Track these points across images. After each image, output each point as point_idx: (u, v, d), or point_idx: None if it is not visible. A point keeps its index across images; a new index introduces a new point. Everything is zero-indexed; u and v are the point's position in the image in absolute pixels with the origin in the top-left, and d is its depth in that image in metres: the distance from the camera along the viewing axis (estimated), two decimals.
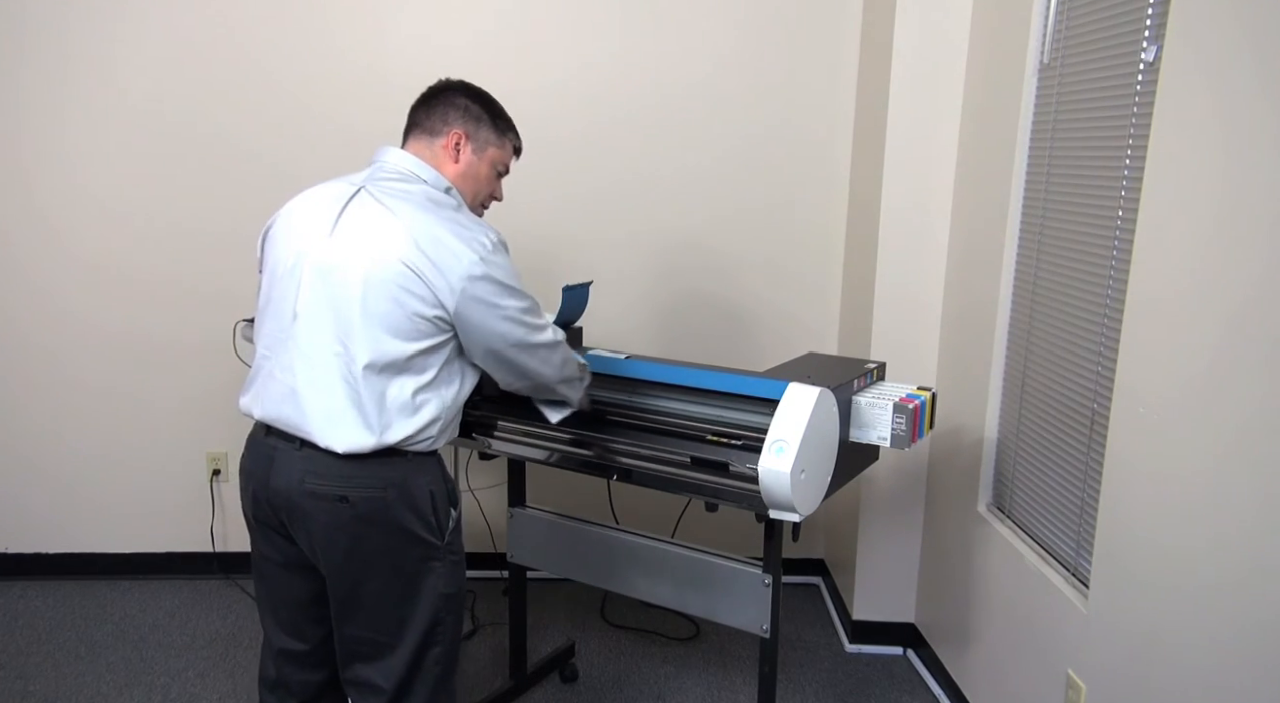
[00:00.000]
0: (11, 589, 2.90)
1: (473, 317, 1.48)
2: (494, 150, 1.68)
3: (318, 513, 1.49)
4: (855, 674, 2.56)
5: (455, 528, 1.61)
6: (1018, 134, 2.02)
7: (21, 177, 2.75)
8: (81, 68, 2.69)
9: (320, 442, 1.47)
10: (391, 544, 1.52)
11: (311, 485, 1.49)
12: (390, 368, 1.46)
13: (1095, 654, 1.68)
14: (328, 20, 2.68)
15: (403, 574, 1.54)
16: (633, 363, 1.93)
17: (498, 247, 1.52)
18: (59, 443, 2.90)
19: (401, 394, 1.47)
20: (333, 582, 1.55)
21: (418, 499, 1.53)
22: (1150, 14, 1.57)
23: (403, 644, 1.55)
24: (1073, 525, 1.83)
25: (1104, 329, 1.72)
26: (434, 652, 1.58)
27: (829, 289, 2.89)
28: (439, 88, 1.66)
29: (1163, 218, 1.48)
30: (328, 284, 1.47)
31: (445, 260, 1.44)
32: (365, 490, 1.48)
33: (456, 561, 1.60)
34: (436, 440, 1.55)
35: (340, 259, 1.47)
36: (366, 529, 1.50)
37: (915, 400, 1.80)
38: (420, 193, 1.54)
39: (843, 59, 2.74)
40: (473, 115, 1.64)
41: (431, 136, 1.62)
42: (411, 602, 1.54)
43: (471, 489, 2.78)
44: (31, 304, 2.83)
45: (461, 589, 1.62)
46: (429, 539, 1.55)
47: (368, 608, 1.54)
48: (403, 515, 1.51)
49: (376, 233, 1.46)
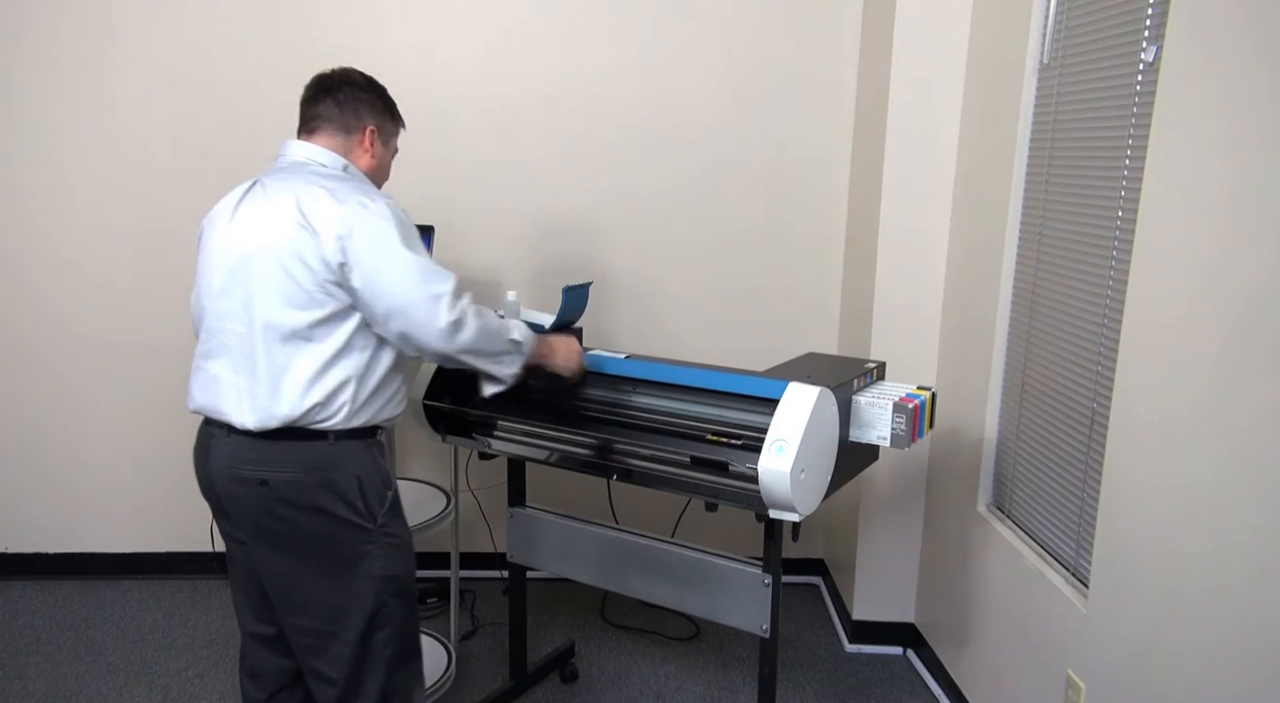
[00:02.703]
0: (11, 589, 2.90)
1: (360, 274, 1.47)
2: (394, 139, 1.74)
3: (244, 498, 1.53)
4: (855, 674, 2.56)
5: (391, 511, 1.59)
6: (1017, 134, 2.02)
7: (13, 181, 2.76)
8: (75, 73, 2.69)
9: (235, 423, 1.50)
10: (317, 529, 1.52)
11: (236, 470, 1.52)
12: (294, 338, 1.48)
13: (1095, 654, 1.68)
14: (323, 29, 2.69)
15: (335, 561, 1.53)
16: (633, 363, 1.93)
17: (385, 208, 1.51)
18: (58, 443, 2.90)
19: (309, 367, 1.49)
20: (266, 570, 1.56)
21: (340, 483, 1.52)
22: (1150, 14, 1.57)
23: (346, 632, 1.55)
24: (1072, 526, 1.83)
25: (1104, 329, 1.72)
26: (381, 635, 1.57)
27: (829, 289, 2.89)
28: (339, 80, 1.65)
29: (1163, 218, 1.48)
30: (229, 269, 1.53)
31: (323, 219, 1.47)
32: (283, 473, 1.50)
33: (395, 544, 1.59)
34: (355, 416, 1.53)
35: (236, 243, 1.53)
36: (290, 513, 1.51)
37: (915, 400, 1.80)
38: (310, 176, 1.55)
39: (842, 60, 2.74)
40: (378, 109, 1.67)
41: (347, 133, 1.64)
42: (349, 588, 1.54)
43: (472, 489, 2.78)
44: (29, 306, 2.83)
45: (406, 573, 1.61)
46: (359, 523, 1.54)
47: (304, 597, 1.55)
48: (325, 500, 1.51)
49: (265, 212, 1.51)
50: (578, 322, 2.25)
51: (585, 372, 1.93)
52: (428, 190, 2.73)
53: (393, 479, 1.62)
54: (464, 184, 2.79)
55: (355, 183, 1.57)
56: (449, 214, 2.66)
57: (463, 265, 2.84)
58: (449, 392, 2.07)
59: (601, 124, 2.77)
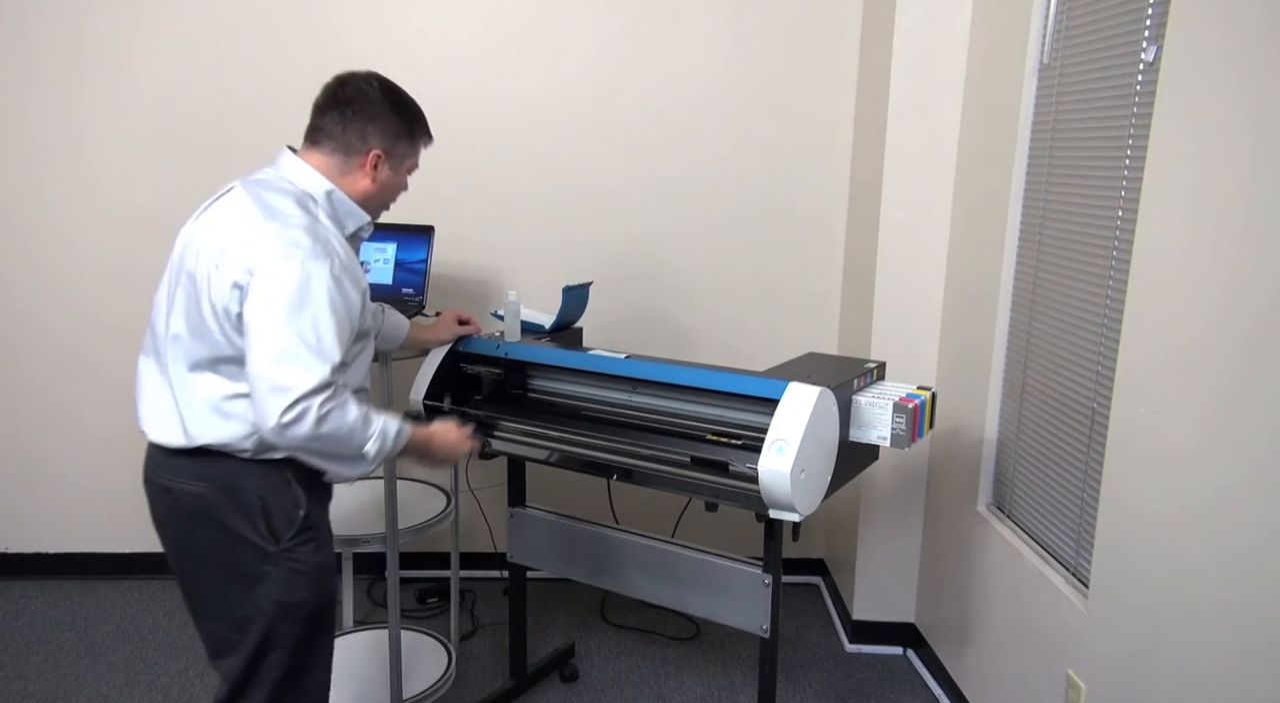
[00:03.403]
0: (12, 589, 2.90)
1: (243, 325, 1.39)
2: (410, 161, 1.61)
3: (155, 502, 1.55)
4: (855, 674, 2.56)
5: (299, 537, 1.51)
6: (1018, 134, 2.02)
7: (36, 175, 2.76)
8: (96, 65, 2.69)
9: (145, 432, 1.51)
10: (218, 542, 1.49)
11: (149, 473, 1.54)
12: (200, 367, 1.45)
13: (1095, 654, 1.68)
14: (339, 20, 2.69)
15: (237, 575, 1.50)
16: (632, 363, 1.93)
17: (300, 267, 1.37)
18: (60, 442, 2.90)
19: (211, 397, 1.44)
20: (176, 572, 1.57)
21: (243, 501, 1.48)
22: (1150, 14, 1.57)
23: (243, 644, 1.53)
24: (1073, 526, 1.83)
25: (1104, 329, 1.72)
26: (273, 656, 1.52)
27: (829, 289, 2.89)
28: (353, 93, 1.52)
29: (1163, 217, 1.48)
30: (173, 270, 1.50)
31: (234, 264, 1.39)
32: (187, 484, 1.48)
33: (299, 570, 1.51)
34: (265, 451, 1.46)
35: (186, 249, 1.48)
36: (191, 523, 1.51)
37: (915, 400, 1.80)
38: (272, 199, 1.45)
39: (843, 59, 2.74)
40: (391, 133, 1.53)
41: (347, 154, 1.52)
42: (249, 603, 1.51)
43: (472, 489, 2.78)
44: (30, 304, 2.83)
45: (309, 599, 1.53)
46: (259, 545, 1.48)
47: (207, 603, 1.55)
48: (227, 515, 1.48)
49: (208, 234, 1.45)
50: (578, 321, 2.25)
51: (478, 448, 1.82)
52: (427, 189, 2.71)
53: (305, 504, 1.51)
54: (463, 183, 2.78)
55: (308, 224, 1.42)
56: (449, 213, 2.66)
57: (463, 264, 2.84)
58: (448, 392, 2.07)
59: (602, 124, 2.77)
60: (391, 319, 1.98)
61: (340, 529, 2.24)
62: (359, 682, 2.35)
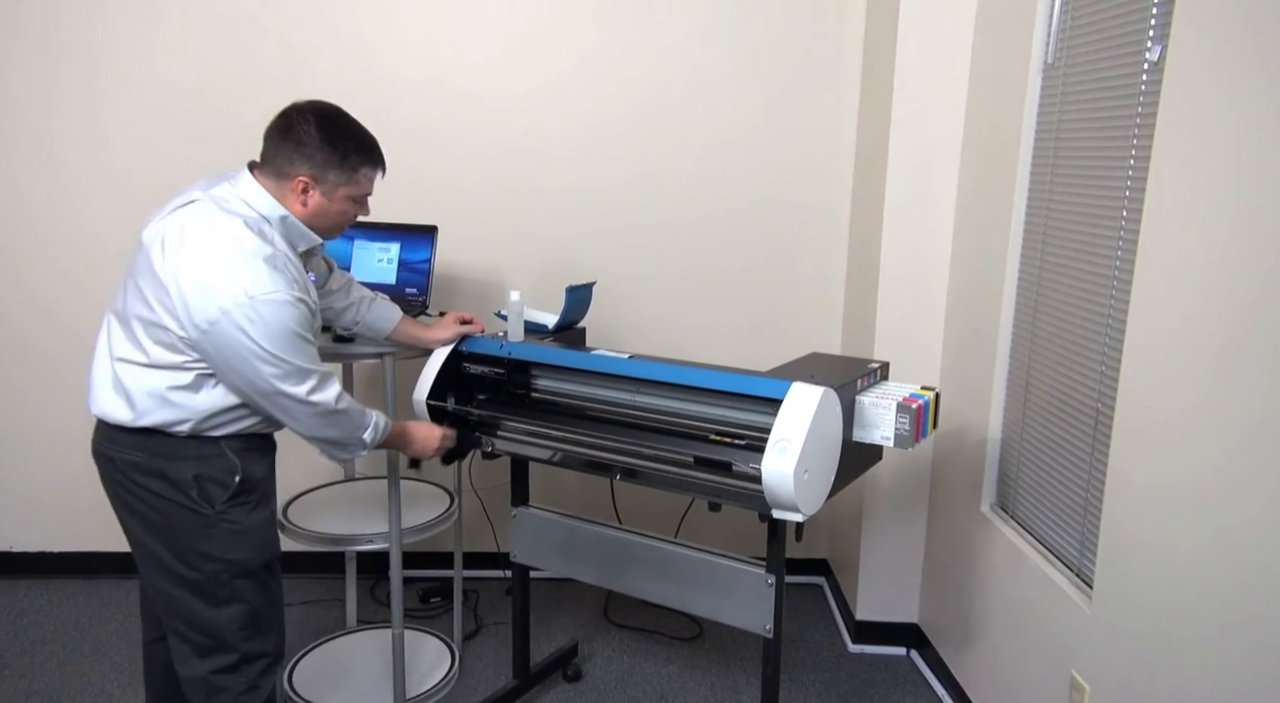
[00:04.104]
0: (16, 588, 2.91)
1: (214, 357, 1.55)
2: (345, 189, 1.67)
3: (102, 470, 1.67)
4: (858, 675, 2.55)
5: (233, 500, 1.64)
6: (1021, 134, 2.02)
7: (53, 166, 2.76)
8: (114, 55, 2.69)
9: (90, 407, 1.64)
10: (157, 507, 1.62)
11: (95, 443, 1.66)
12: (135, 363, 1.58)
13: (1099, 655, 1.67)
14: (331, 22, 2.69)
15: (177, 536, 1.63)
16: (636, 363, 1.93)
17: (265, 301, 1.51)
18: (64, 440, 2.90)
19: (156, 387, 1.57)
20: (128, 536, 1.69)
21: (174, 474, 1.60)
22: (1155, 13, 1.57)
23: (197, 601, 1.65)
24: (1077, 526, 1.83)
25: (1108, 329, 1.71)
26: (229, 609, 1.66)
27: (832, 289, 2.88)
28: (289, 122, 1.62)
29: (1168, 218, 1.48)
30: (131, 281, 1.60)
31: (199, 301, 1.51)
32: (127, 455, 1.61)
33: (236, 530, 1.65)
34: (201, 431, 1.61)
35: (142, 262, 1.58)
36: (134, 488, 1.62)
37: (919, 401, 1.80)
38: (232, 231, 1.55)
39: (846, 58, 2.73)
40: (319, 161, 1.61)
41: (279, 178, 1.62)
42: (194, 568, 1.64)
43: (475, 489, 2.79)
44: (60, 294, 2.83)
45: (250, 556, 1.67)
46: (196, 509, 1.62)
47: (159, 565, 1.65)
48: (159, 485, 1.61)
49: (169, 251, 1.54)
50: (581, 321, 2.25)
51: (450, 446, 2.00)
52: (430, 189, 2.73)
53: (241, 469, 1.65)
54: (466, 183, 2.79)
55: (263, 255, 1.54)
56: (452, 214, 2.67)
57: (466, 264, 2.84)
58: (451, 392, 2.07)
59: (606, 124, 2.77)
60: (377, 311, 2.03)
61: (343, 528, 2.25)
62: (362, 682, 2.36)
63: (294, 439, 1.72)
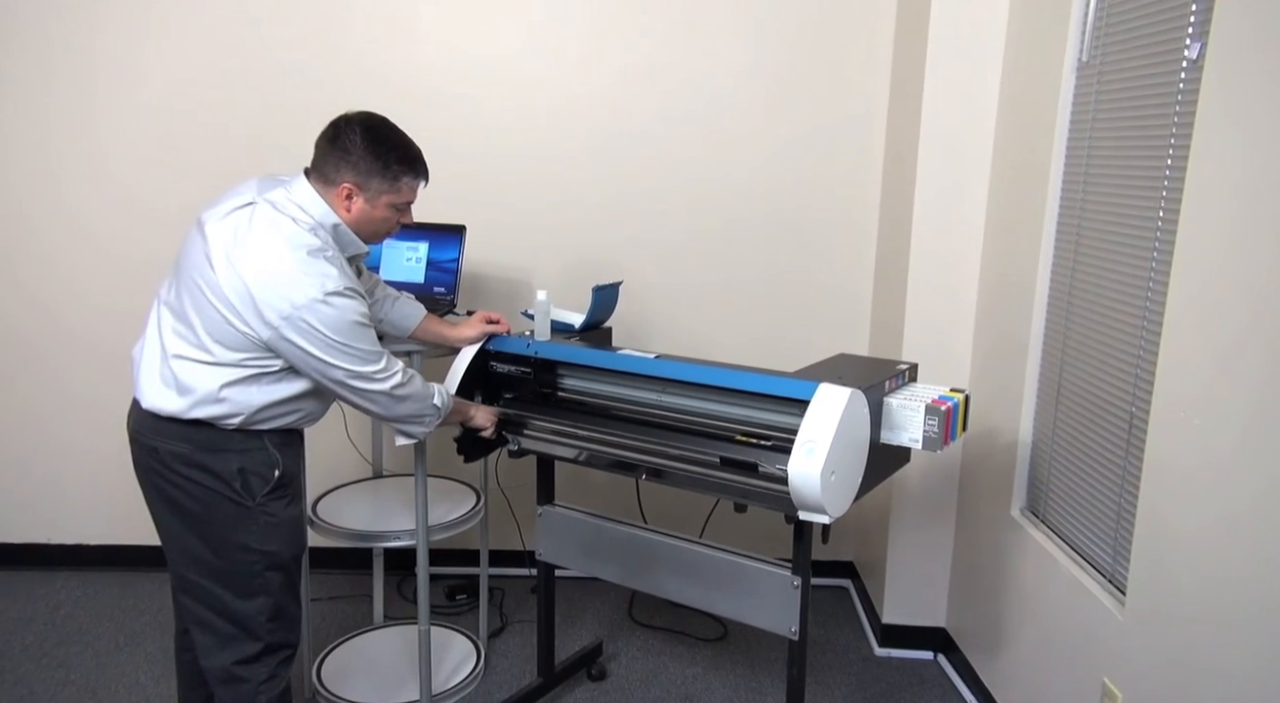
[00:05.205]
0: (54, 580, 2.97)
1: (288, 352, 1.61)
2: (388, 196, 1.72)
3: (140, 459, 1.71)
4: (884, 678, 2.53)
5: (273, 493, 1.70)
6: (1055, 133, 1.99)
7: (48, 168, 2.80)
8: (111, 63, 2.74)
9: (140, 400, 1.68)
10: (198, 496, 1.66)
11: (137, 434, 1.70)
12: (194, 359, 1.62)
13: (1132, 662, 1.65)
14: (355, 18, 2.71)
15: (214, 527, 1.67)
16: (662, 363, 1.93)
17: (329, 297, 1.59)
18: (101, 433, 2.95)
19: (212, 382, 1.61)
20: (160, 528, 1.73)
21: (219, 466, 1.65)
22: (1194, 10, 1.54)
23: (225, 591, 1.70)
24: (1109, 531, 1.80)
25: (1143, 331, 1.68)
26: (257, 601, 1.71)
27: (860, 289, 2.86)
28: (337, 131, 1.68)
29: (1206, 218, 1.45)
30: (186, 276, 1.64)
31: (268, 298, 1.57)
32: (172, 446, 1.65)
33: (273, 523, 1.70)
34: (250, 425, 1.66)
35: (200, 260, 1.62)
36: (175, 478, 1.66)
37: (948, 403, 1.78)
38: (291, 231, 1.62)
39: (877, 58, 2.71)
40: (363, 170, 1.67)
41: (326, 184, 1.69)
42: (226, 556, 1.69)
43: (501, 487, 2.80)
44: (65, 295, 2.88)
45: (283, 549, 1.73)
46: (237, 500, 1.66)
47: (192, 555, 1.70)
48: (203, 477, 1.65)
49: (232, 250, 1.59)
50: (608, 321, 2.25)
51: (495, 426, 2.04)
52: (459, 190, 2.74)
53: (281, 463, 1.70)
54: (495, 184, 2.80)
55: (324, 254, 1.62)
56: (480, 213, 2.68)
57: (494, 264, 2.86)
58: (478, 391, 2.08)
59: (633, 124, 2.77)
60: (401, 309, 2.07)
61: (370, 525, 2.28)
62: (389, 677, 2.38)
63: (323, 436, 1.75)
